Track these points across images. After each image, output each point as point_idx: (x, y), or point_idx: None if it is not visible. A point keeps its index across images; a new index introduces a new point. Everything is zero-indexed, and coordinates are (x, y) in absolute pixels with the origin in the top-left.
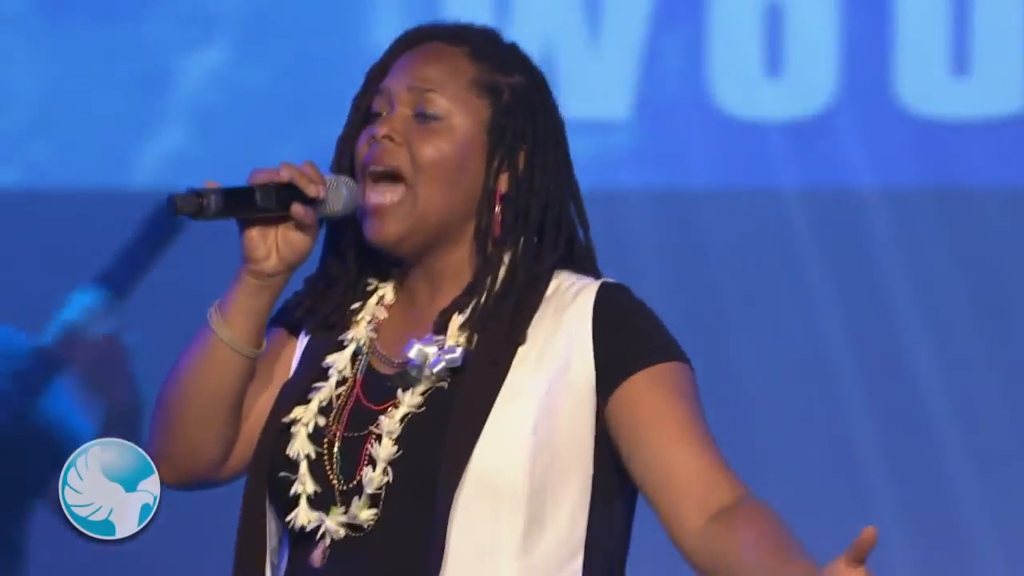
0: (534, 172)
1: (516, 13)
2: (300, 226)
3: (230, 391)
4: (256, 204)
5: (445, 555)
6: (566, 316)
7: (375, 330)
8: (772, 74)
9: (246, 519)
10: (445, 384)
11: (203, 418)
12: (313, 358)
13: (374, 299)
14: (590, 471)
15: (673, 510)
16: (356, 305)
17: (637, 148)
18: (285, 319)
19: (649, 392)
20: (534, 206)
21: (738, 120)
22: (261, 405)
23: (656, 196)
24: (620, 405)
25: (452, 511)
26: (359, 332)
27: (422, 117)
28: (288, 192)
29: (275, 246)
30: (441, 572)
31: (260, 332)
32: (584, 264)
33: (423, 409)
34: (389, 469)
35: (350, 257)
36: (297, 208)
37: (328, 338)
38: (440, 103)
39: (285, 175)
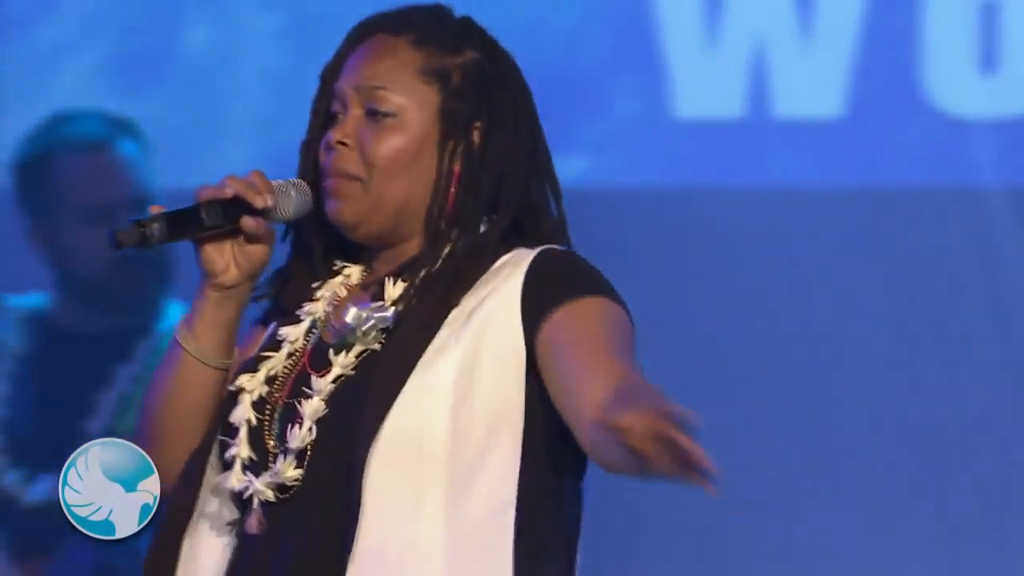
0: (487, 147)
1: (728, 12)
2: (253, 237)
3: (205, 403)
4: (203, 223)
5: (361, 513)
6: (501, 278)
7: (332, 306)
8: (986, 71)
9: (182, 475)
10: (379, 346)
11: (182, 431)
12: (273, 334)
13: (338, 279)
14: (520, 426)
15: (578, 420)
16: (317, 283)
17: (849, 146)
18: (260, 315)
19: (570, 321)
20: (485, 180)
21: (951, 117)
22: None
23: (866, 194)
24: (543, 338)
25: (368, 468)
26: (316, 307)
27: (373, 115)
28: (236, 206)
29: (232, 258)
30: (358, 530)
31: (229, 343)
32: (553, 239)
33: (355, 370)
34: (314, 427)
35: (315, 253)
36: (247, 221)
37: (290, 316)
38: (390, 99)
39: (229, 191)
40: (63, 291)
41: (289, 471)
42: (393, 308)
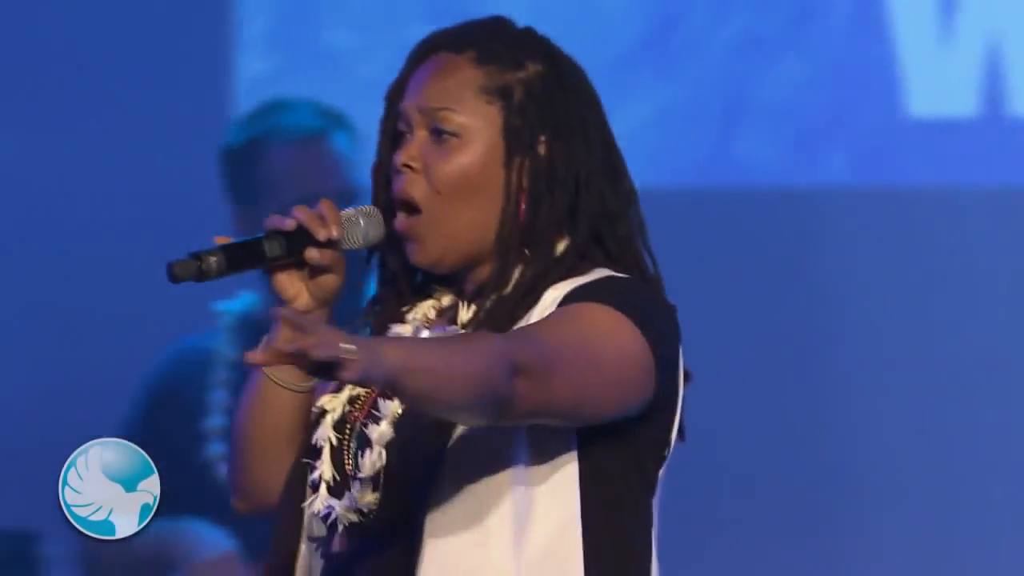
0: (555, 160)
1: (962, 9)
2: (320, 268)
3: (287, 425)
4: (264, 255)
5: (423, 542)
6: (554, 294)
7: (419, 329)
8: None
9: (284, 497)
10: None
11: (266, 453)
12: None
13: (429, 302)
14: (572, 440)
15: None
16: (407, 307)
17: None
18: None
19: (554, 312)
20: (558, 195)
21: None
22: None
23: None
24: None
25: (430, 496)
26: (405, 330)
27: (438, 135)
28: (300, 237)
29: (304, 286)
30: (420, 559)
31: None
32: (631, 245)
33: None
34: (383, 452)
35: (400, 277)
36: (311, 253)
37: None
38: (453, 119)
39: (291, 223)
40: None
41: (365, 497)
42: (461, 331)
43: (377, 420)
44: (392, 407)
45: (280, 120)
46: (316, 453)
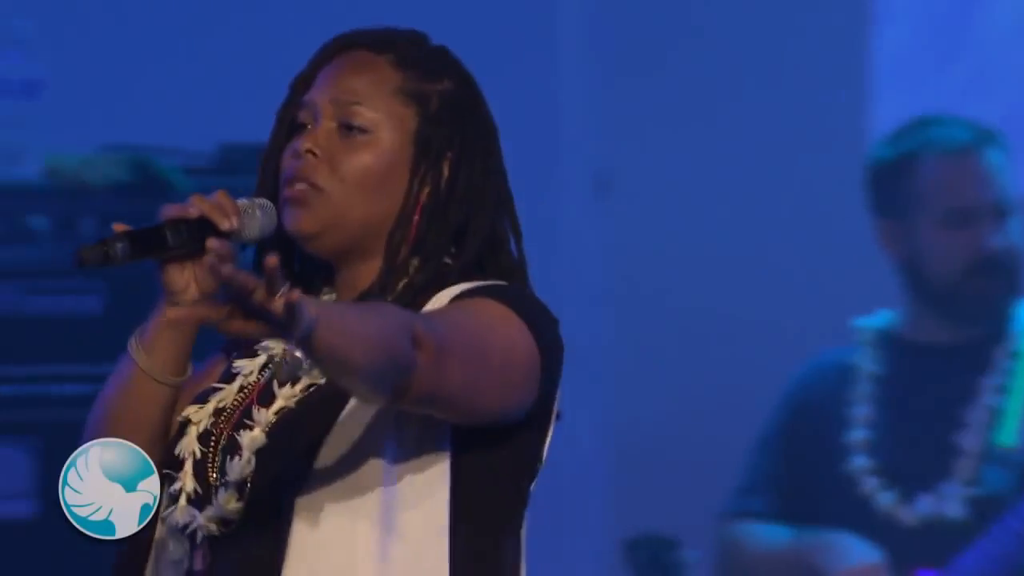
0: (457, 180)
1: None
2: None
3: (152, 419)
4: (167, 244)
5: (289, 545)
6: (440, 300)
7: None
8: None
9: None
10: (323, 380)
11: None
12: (230, 366)
13: None
14: (448, 452)
15: None
16: None
17: None
18: (225, 344)
19: (446, 306)
20: (453, 214)
21: None
22: None
23: None
24: None
25: (298, 501)
26: (275, 342)
27: (347, 129)
28: (201, 226)
29: (193, 277)
30: (284, 564)
31: (182, 360)
32: (513, 276)
33: (297, 404)
34: (253, 459)
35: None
36: (212, 243)
37: (249, 349)
38: (365, 115)
39: (195, 211)
40: (914, 302)
41: (230, 504)
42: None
43: (249, 427)
44: (266, 415)
45: (932, 134)
46: (178, 464)
